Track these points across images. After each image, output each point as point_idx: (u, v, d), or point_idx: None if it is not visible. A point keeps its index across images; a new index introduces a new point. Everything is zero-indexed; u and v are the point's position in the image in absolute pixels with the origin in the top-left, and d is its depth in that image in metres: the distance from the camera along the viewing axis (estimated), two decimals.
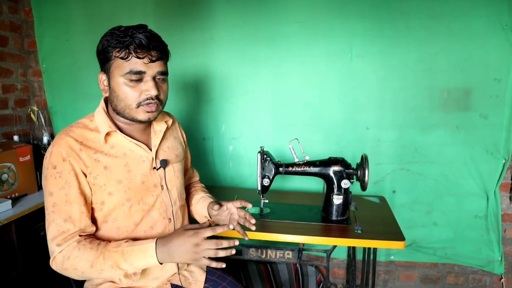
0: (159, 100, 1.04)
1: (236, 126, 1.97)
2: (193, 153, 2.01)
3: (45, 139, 1.98)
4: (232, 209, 1.16)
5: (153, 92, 1.00)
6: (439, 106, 1.80)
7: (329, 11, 1.79)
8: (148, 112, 1.03)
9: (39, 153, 1.92)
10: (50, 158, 1.00)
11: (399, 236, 1.33)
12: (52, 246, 0.99)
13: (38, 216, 1.81)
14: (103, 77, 1.04)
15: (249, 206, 1.12)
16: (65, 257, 0.97)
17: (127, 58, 0.97)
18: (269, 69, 1.88)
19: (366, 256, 1.61)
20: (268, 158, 1.44)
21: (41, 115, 2.04)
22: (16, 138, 1.92)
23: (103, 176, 1.02)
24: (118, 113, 1.05)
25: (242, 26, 1.85)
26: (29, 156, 1.75)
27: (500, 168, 1.80)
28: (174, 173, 1.18)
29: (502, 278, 1.95)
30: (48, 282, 1.80)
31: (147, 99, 1.01)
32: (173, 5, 1.89)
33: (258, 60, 1.88)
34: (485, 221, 1.86)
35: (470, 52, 1.73)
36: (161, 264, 0.98)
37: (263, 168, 1.44)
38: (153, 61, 0.99)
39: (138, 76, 0.99)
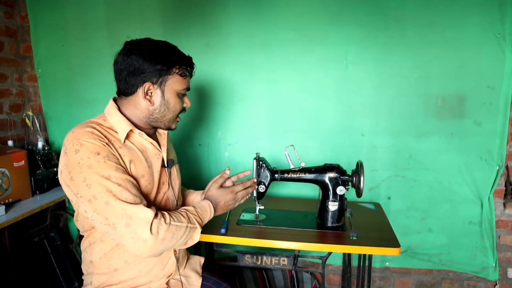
0: None
1: (232, 132, 1.97)
2: (189, 159, 2.02)
3: (40, 144, 1.97)
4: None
5: (190, 104, 1.17)
6: (434, 113, 1.81)
7: (325, 19, 1.81)
8: (178, 121, 1.18)
9: (33, 158, 1.90)
10: (85, 148, 0.97)
11: (394, 243, 1.33)
12: (143, 213, 0.97)
13: (31, 222, 1.79)
14: (150, 87, 1.06)
15: (247, 173, 1.38)
16: (165, 225, 0.99)
17: (185, 76, 1.11)
18: (264, 75, 1.89)
19: (362, 262, 1.61)
20: (264, 165, 1.44)
21: (36, 120, 2.03)
22: (10, 143, 1.91)
23: (129, 170, 1.04)
24: (155, 120, 1.12)
25: (238, 33, 1.86)
26: (23, 161, 1.74)
27: (494, 174, 1.81)
28: (176, 172, 1.25)
29: (496, 284, 1.95)
30: None
31: (182, 110, 1.16)
32: (169, 12, 1.90)
33: (254, 66, 1.88)
34: (480, 228, 1.87)
35: (464, 60, 1.75)
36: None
37: (258, 175, 1.44)
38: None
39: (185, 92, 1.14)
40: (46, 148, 1.97)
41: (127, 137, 1.07)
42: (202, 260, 1.35)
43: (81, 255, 1.18)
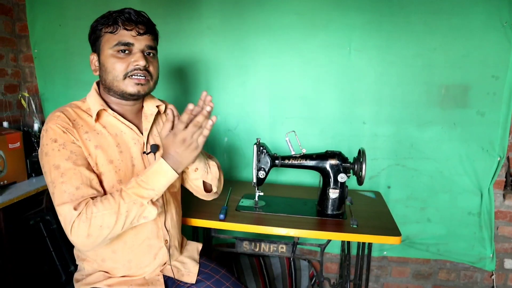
0: (149, 73, 1.05)
1: (232, 117, 1.94)
2: None
3: (36, 126, 1.93)
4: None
5: (142, 63, 1.01)
6: (437, 102, 1.79)
7: (329, 3, 1.77)
8: (137, 84, 1.03)
9: (29, 140, 1.87)
10: (47, 134, 0.98)
11: (395, 231, 1.32)
12: (68, 214, 0.91)
13: (27, 205, 1.77)
14: (94, 57, 1.08)
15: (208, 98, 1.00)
16: (85, 220, 0.91)
17: (115, 31, 1.01)
18: (266, 60, 1.85)
19: (361, 251, 1.60)
20: (264, 150, 1.42)
21: (32, 101, 1.99)
22: (5, 124, 1.87)
23: (94, 156, 1.01)
24: (108, 89, 1.06)
25: (240, 16, 1.82)
26: (19, 143, 1.70)
27: (495, 165, 1.80)
28: None
29: (493, 274, 1.96)
30: (37, 271, 1.77)
31: (135, 69, 1.02)
32: None
33: (256, 51, 1.85)
34: (478, 218, 1.87)
35: (469, 49, 1.72)
36: (178, 174, 0.96)
37: (259, 160, 1.42)
38: (141, 34, 1.02)
39: (126, 48, 1.01)
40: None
41: (101, 119, 1.06)
42: (199, 246, 1.33)
43: None
